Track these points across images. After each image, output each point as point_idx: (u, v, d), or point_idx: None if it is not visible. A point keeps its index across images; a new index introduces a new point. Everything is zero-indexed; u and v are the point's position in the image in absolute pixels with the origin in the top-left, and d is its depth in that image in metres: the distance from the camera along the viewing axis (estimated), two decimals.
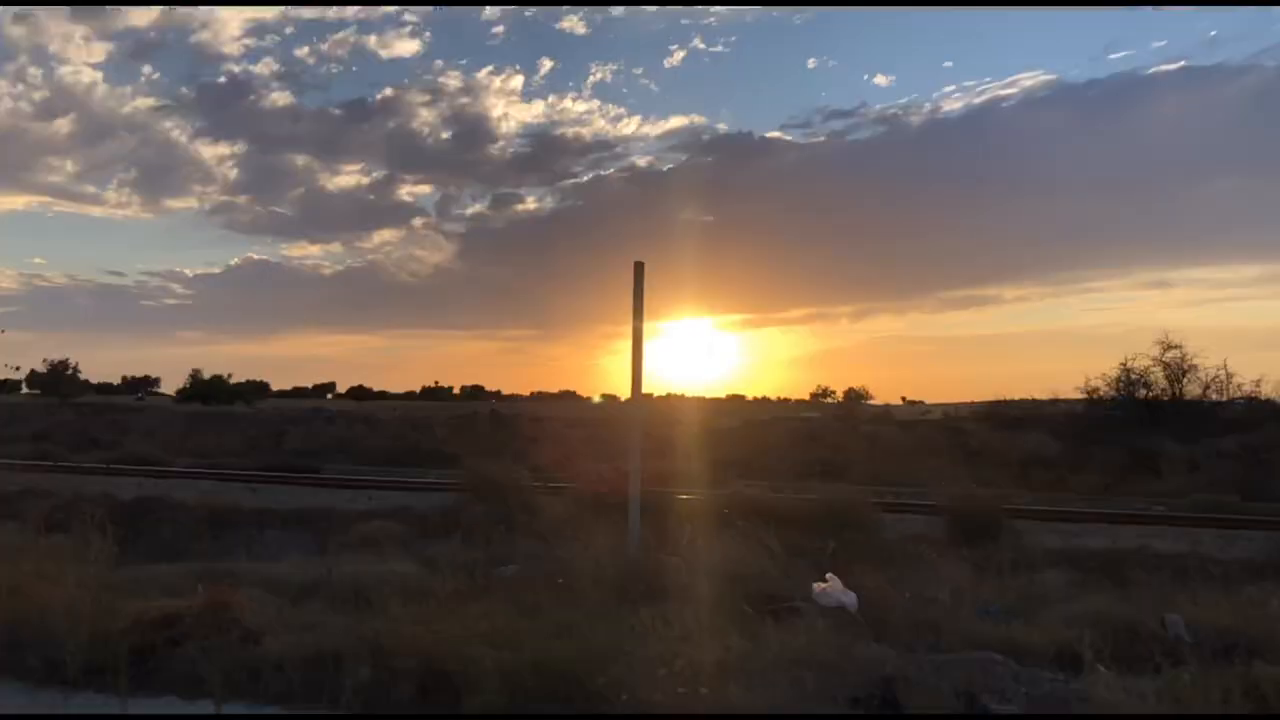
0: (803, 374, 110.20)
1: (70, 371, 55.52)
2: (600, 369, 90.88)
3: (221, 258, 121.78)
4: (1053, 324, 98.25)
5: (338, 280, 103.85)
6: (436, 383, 75.17)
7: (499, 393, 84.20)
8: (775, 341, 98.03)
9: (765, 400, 71.81)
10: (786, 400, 72.79)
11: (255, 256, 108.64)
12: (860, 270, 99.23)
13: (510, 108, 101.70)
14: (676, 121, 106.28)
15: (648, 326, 7.07)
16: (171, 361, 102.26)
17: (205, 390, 65.13)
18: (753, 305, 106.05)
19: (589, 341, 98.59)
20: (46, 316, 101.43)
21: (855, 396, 63.92)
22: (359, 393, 78.47)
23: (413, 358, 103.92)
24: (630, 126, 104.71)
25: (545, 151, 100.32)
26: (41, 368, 57.14)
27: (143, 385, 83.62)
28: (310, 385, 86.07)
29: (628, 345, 7.15)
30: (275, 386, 78.46)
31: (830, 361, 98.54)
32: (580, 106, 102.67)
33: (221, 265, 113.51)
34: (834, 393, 64.47)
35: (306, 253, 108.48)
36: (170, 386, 74.25)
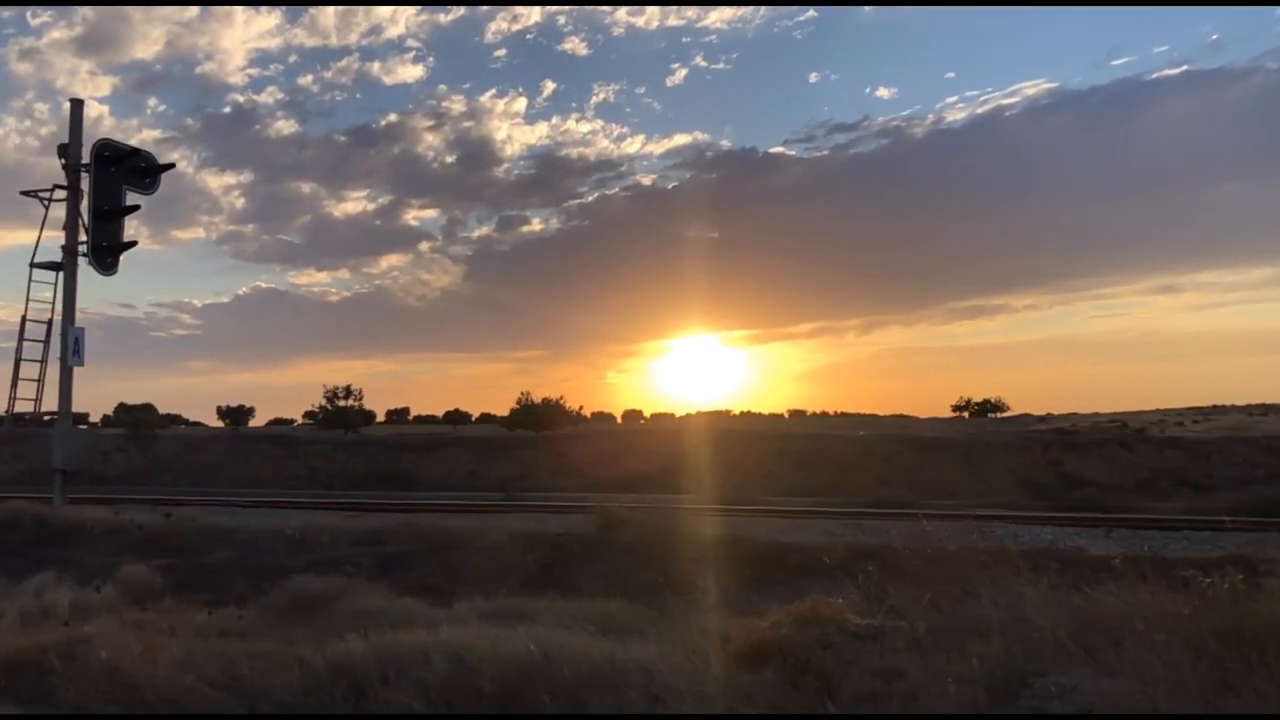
0: (811, 388, 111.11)
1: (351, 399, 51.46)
2: (608, 387, 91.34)
3: (229, 287, 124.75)
4: (1063, 331, 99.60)
5: (346, 306, 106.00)
6: (457, 408, 75.06)
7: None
8: (783, 356, 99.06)
9: (906, 417, 70.47)
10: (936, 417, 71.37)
11: (263, 285, 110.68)
12: (867, 282, 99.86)
13: (514, 130, 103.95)
14: (680, 139, 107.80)
15: (653, 346, 6.78)
16: (182, 392, 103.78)
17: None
18: (760, 320, 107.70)
19: (598, 361, 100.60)
20: (54, 349, 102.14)
21: (991, 407, 62.95)
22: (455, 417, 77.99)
23: (423, 382, 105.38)
24: (634, 145, 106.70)
25: (550, 172, 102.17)
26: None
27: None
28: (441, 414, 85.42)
29: (637, 363, 6.90)
30: (286, 415, 78.80)
31: (839, 375, 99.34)
32: (584, 127, 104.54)
33: (230, 295, 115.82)
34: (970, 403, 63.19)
35: (314, 280, 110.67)
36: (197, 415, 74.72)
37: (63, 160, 18.13)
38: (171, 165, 19.11)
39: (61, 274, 18.40)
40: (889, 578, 8.88)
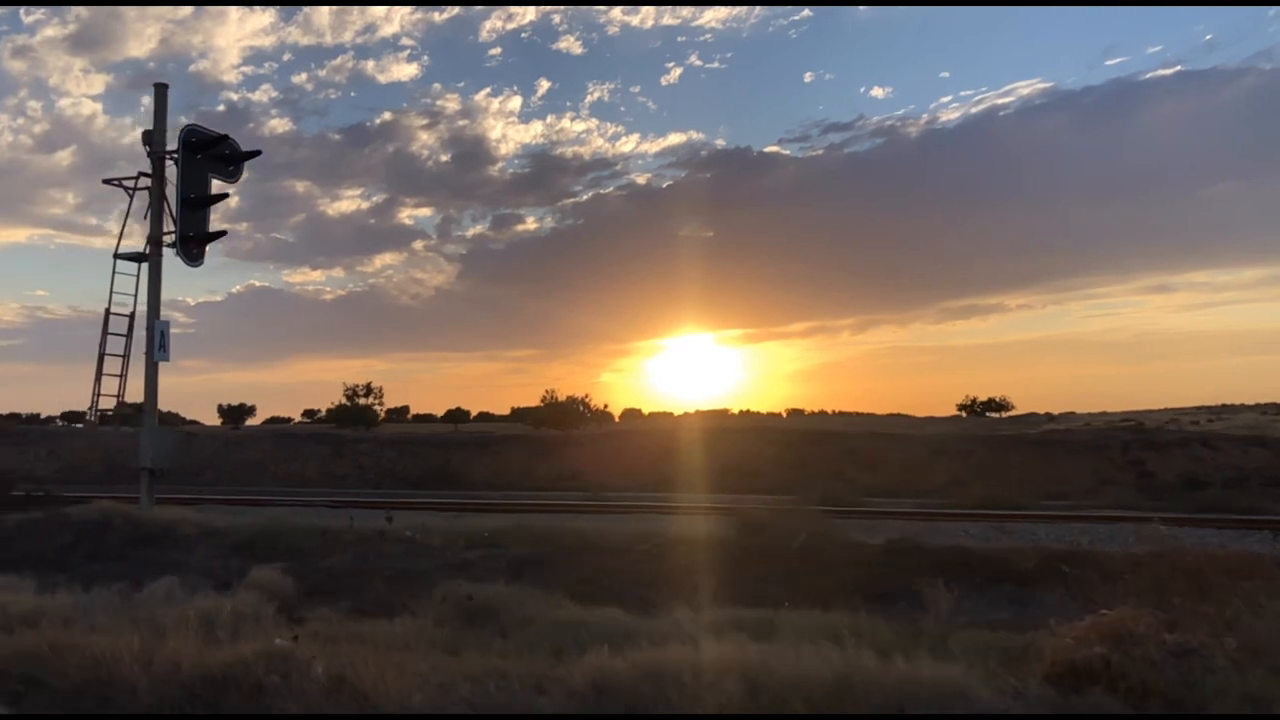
0: (805, 388, 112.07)
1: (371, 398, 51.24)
2: (602, 386, 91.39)
3: (223, 285, 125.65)
4: (1056, 331, 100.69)
5: (340, 305, 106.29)
6: (458, 406, 74.46)
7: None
8: (777, 355, 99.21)
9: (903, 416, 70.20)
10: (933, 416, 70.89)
11: (257, 284, 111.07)
12: (861, 282, 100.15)
13: (509, 129, 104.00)
14: (675, 138, 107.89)
15: (647, 345, 6.22)
16: (175, 391, 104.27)
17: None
18: (754, 319, 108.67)
19: (591, 360, 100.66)
20: (50, 349, 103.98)
21: (996, 406, 62.21)
22: (456, 415, 77.65)
23: (418, 381, 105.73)
24: (629, 145, 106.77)
25: (544, 171, 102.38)
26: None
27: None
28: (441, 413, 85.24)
29: (630, 363, 6.33)
30: (282, 413, 78.82)
31: (833, 374, 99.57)
32: (579, 126, 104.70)
33: (223, 293, 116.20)
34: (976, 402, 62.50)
35: (308, 278, 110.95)
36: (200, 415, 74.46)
37: (147, 147, 17.59)
38: (258, 153, 18.58)
39: (144, 265, 17.84)
40: (1098, 584, 8.24)
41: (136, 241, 17.70)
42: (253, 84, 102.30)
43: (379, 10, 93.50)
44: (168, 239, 17.58)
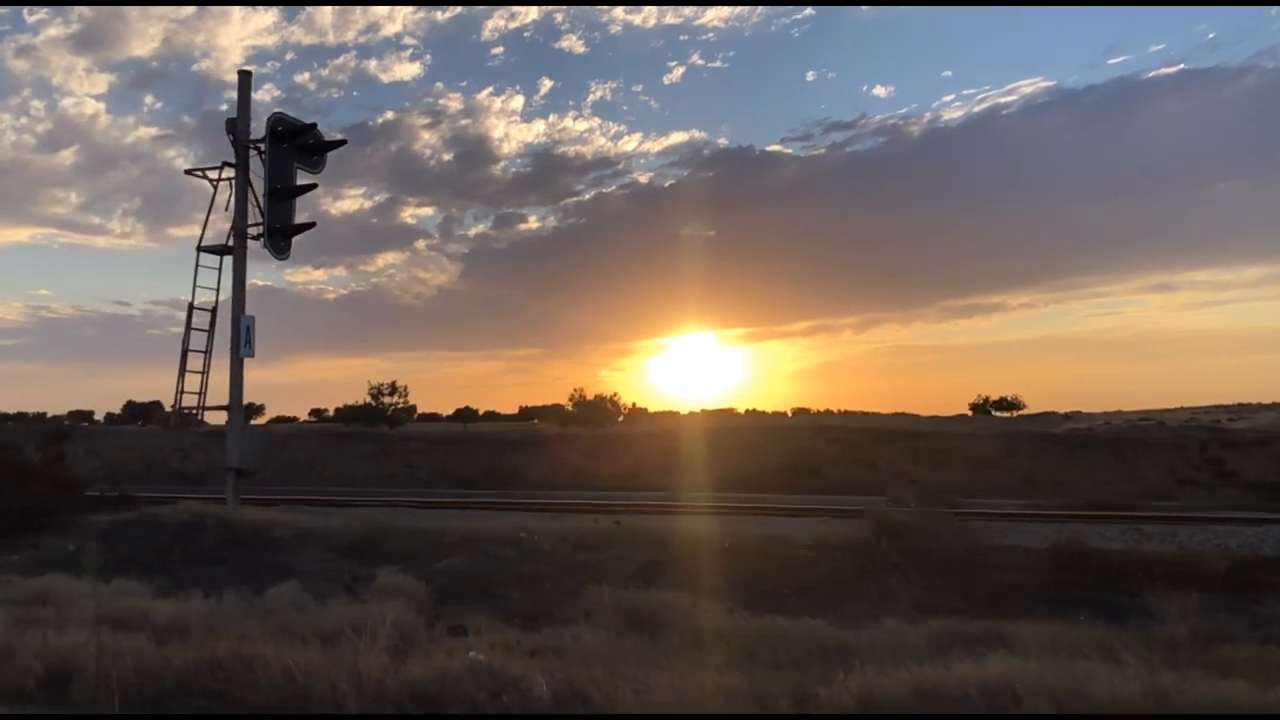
0: (807, 387, 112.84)
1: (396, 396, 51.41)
2: (603, 385, 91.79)
3: (226, 285, 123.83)
4: (1058, 330, 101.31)
5: (342, 304, 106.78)
6: (466, 406, 74.45)
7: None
8: (779, 354, 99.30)
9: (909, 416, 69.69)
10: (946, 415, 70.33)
11: (259, 283, 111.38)
12: (863, 281, 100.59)
13: (511, 128, 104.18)
14: (677, 137, 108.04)
15: (649, 344, 5.73)
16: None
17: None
18: (756, 318, 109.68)
19: (592, 359, 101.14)
20: (53, 348, 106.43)
21: (1008, 405, 61.45)
22: (465, 415, 77.80)
23: (420, 380, 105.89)
24: (631, 143, 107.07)
25: (547, 170, 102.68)
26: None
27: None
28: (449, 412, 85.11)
29: (632, 362, 5.82)
30: (288, 412, 79.06)
31: (835, 373, 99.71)
32: (581, 125, 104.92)
33: (226, 292, 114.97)
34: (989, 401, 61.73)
35: (310, 278, 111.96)
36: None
37: (231, 136, 17.22)
38: (343, 141, 18.16)
39: (224, 259, 17.49)
40: None
41: (140, 241, 17.26)
42: (255, 83, 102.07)
43: (381, 10, 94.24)
44: (252, 231, 17.19)
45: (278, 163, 17.05)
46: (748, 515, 17.49)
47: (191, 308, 17.28)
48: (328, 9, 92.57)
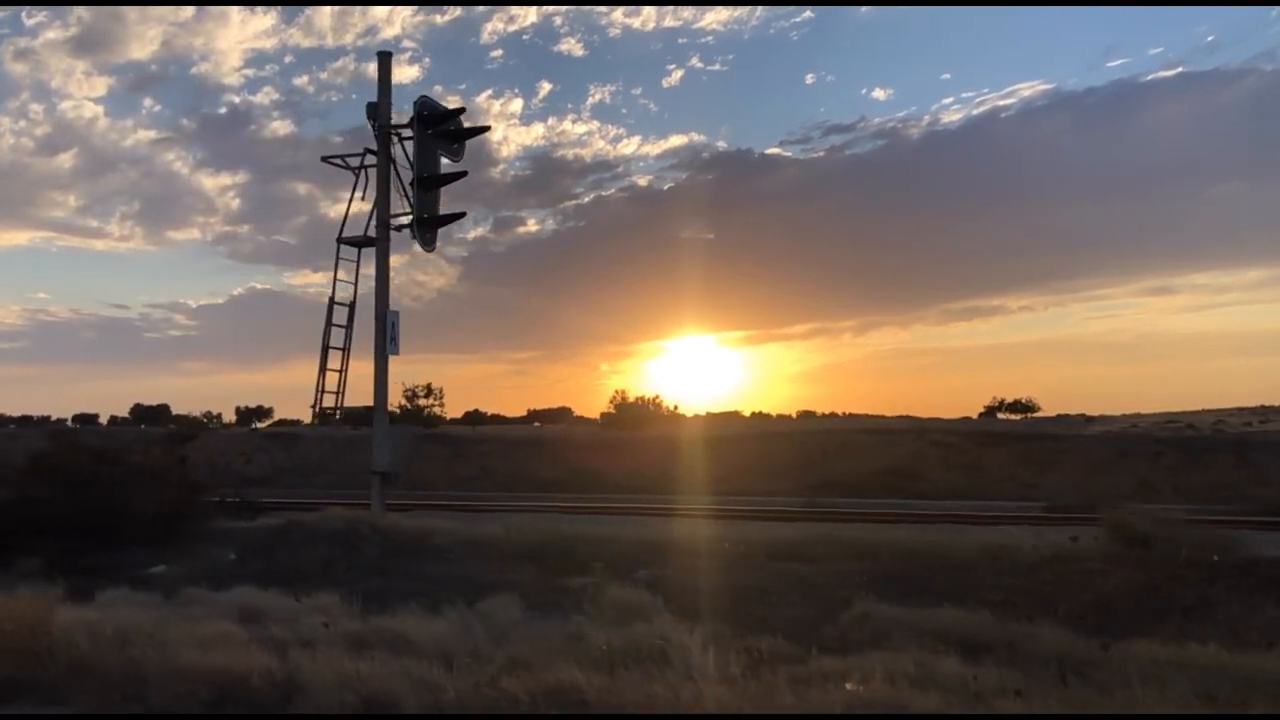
0: (806, 389, 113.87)
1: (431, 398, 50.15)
2: (604, 388, 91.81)
3: (225, 288, 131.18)
4: (1057, 332, 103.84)
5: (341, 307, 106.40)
6: (476, 409, 73.88)
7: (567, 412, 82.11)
8: (778, 357, 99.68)
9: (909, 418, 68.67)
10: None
11: (258, 286, 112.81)
12: (863, 284, 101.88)
13: (510, 131, 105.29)
14: (676, 140, 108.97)
15: (649, 346, 4.95)
16: (176, 393, 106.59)
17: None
18: (755, 321, 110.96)
19: (593, 361, 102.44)
20: (51, 351, 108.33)
21: (1022, 408, 60.64)
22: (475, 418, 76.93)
23: (418, 383, 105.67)
24: (630, 146, 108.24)
25: (546, 173, 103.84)
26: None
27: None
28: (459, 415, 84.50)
29: (632, 364, 5.03)
30: (289, 415, 79.10)
31: (835, 376, 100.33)
32: (580, 128, 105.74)
33: (225, 295, 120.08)
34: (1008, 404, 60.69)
35: (309, 280, 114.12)
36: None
37: (371, 121, 16.48)
38: (486, 128, 17.37)
39: (357, 250, 16.71)
40: None
41: (139, 244, 16.45)
42: (254, 86, 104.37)
43: (380, 12, 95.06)
44: (396, 221, 16.42)
45: (424, 150, 16.30)
46: (916, 522, 16.55)
47: (332, 303, 16.52)
48: (326, 11, 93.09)
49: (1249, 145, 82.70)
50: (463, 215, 16.94)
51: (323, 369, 16.33)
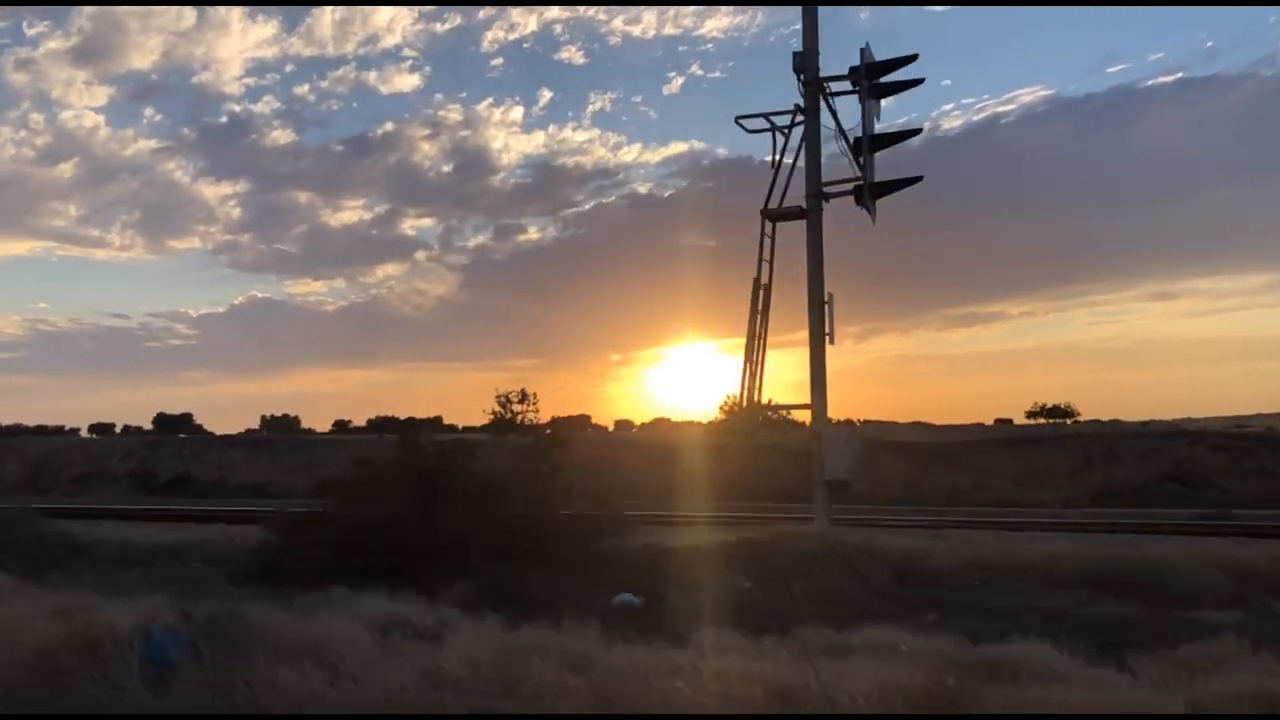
0: (808, 396, 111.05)
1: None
2: (606, 396, 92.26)
3: (225, 297, 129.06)
4: (1058, 338, 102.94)
5: (342, 316, 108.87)
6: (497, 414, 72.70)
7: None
8: (779, 364, 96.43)
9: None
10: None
11: (259, 295, 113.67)
12: (863, 290, 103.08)
13: (511, 139, 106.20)
14: (677, 148, 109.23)
15: (650, 354, 2.17)
16: (177, 402, 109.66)
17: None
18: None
19: (595, 369, 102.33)
20: (51, 361, 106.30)
21: (1061, 413, 57.63)
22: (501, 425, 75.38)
23: (421, 391, 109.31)
24: (631, 154, 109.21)
25: (546, 181, 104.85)
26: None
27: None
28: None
29: (634, 372, 2.26)
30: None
31: (836, 383, 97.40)
32: (580, 136, 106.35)
33: (225, 304, 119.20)
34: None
35: (310, 289, 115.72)
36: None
37: (798, 75, 14.25)
38: (921, 80, 14.98)
39: (772, 226, 14.46)
40: None
41: (139, 254, 13.99)
42: (255, 95, 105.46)
43: (381, 20, 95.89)
44: (832, 190, 14.15)
45: (867, 105, 14.02)
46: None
47: (758, 285, 14.28)
48: (327, 19, 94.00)
49: (1249, 150, 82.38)
50: (919, 179, 14.57)
51: (749, 360, 14.12)
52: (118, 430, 68.68)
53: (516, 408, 54.59)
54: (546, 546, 12.22)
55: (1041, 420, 54.94)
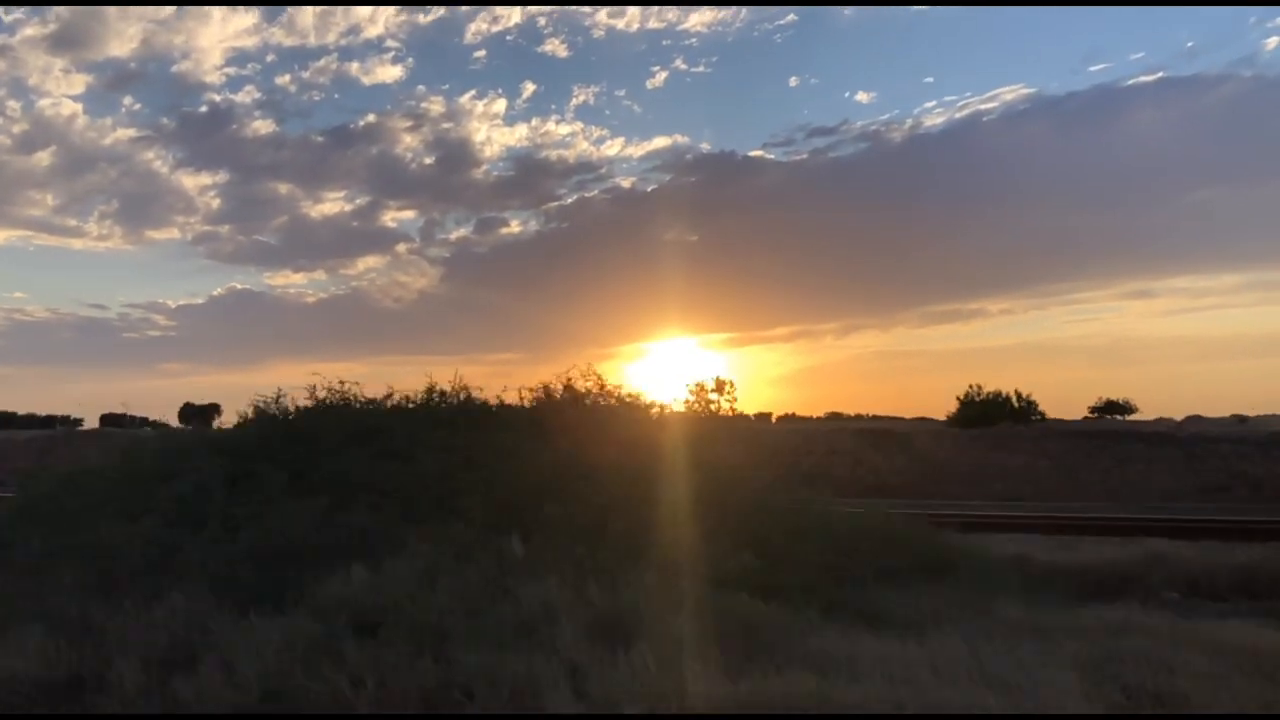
0: (788, 392, 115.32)
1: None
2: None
3: (204, 288, 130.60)
4: (1037, 336, 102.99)
5: (322, 308, 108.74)
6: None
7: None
8: (760, 359, 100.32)
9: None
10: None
11: (239, 286, 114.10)
12: (844, 286, 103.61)
13: (493, 131, 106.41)
14: (660, 142, 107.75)
15: (631, 349, 6.71)
16: (155, 394, 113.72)
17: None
18: (737, 324, 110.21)
19: (575, 363, 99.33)
20: (28, 351, 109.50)
21: (1119, 409, 58.02)
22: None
23: (400, 384, 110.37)
24: (614, 148, 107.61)
25: (529, 174, 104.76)
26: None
27: None
28: None
29: (615, 367, 6.19)
30: None
31: (817, 378, 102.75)
32: (563, 129, 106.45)
33: (204, 296, 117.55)
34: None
35: (290, 281, 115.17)
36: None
37: None
38: None
39: None
40: None
41: (117, 243, 22.07)
42: (235, 85, 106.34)
43: (363, 11, 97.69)
44: None
45: None
46: None
47: None
48: (309, 9, 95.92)
49: (1228, 150, 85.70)
50: None
51: None
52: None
53: (712, 396, 53.07)
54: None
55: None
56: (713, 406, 51.04)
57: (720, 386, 51.96)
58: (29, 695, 5.87)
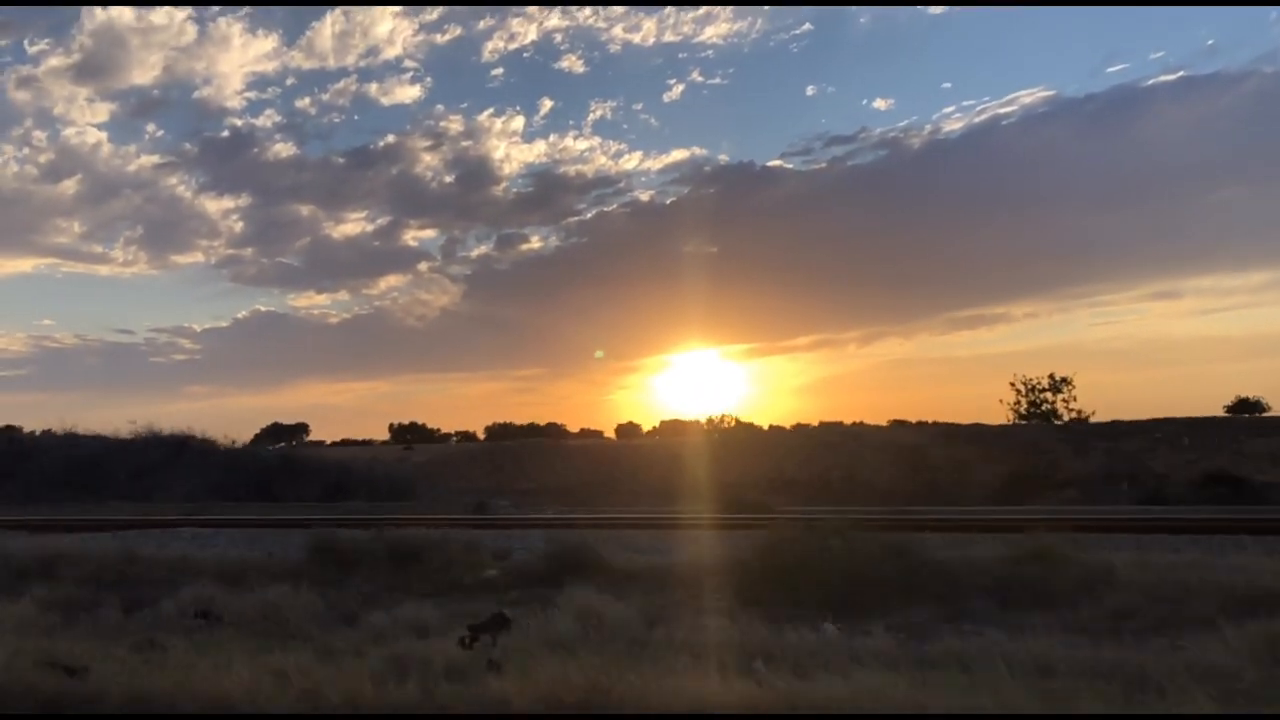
0: (810, 401, 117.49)
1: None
2: (611, 404, 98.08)
3: (229, 311, 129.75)
4: (1062, 339, 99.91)
5: (345, 328, 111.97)
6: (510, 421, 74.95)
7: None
8: (782, 369, 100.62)
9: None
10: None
11: (262, 308, 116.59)
12: (866, 294, 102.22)
13: (512, 148, 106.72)
14: (678, 154, 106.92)
15: (653, 361, 2.64)
16: (182, 417, 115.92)
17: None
18: (759, 334, 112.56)
19: (599, 378, 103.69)
20: (56, 377, 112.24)
21: (1250, 407, 53.31)
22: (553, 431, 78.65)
23: (426, 402, 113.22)
24: (632, 162, 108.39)
25: (548, 190, 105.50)
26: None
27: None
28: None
29: (639, 380, 2.70)
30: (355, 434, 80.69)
31: (839, 387, 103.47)
32: (581, 144, 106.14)
33: (229, 318, 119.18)
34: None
35: (313, 302, 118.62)
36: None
37: None
38: None
39: None
40: None
41: (142, 269, 16.78)
42: (256, 109, 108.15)
43: (381, 32, 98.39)
44: None
45: None
46: None
47: None
48: (327, 32, 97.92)
49: (1251, 148, 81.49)
50: None
51: None
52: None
53: (1048, 397, 51.82)
54: None
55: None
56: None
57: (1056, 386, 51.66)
58: None
